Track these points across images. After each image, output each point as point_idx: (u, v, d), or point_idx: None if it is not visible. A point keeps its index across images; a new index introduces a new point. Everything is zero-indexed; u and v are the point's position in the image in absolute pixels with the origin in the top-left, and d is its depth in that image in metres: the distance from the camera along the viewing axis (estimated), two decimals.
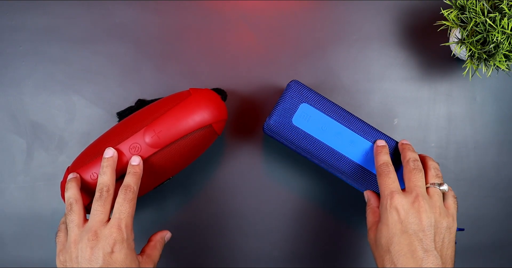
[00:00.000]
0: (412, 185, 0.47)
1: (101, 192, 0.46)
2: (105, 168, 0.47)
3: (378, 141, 0.52)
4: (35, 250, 0.57)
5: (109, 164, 0.47)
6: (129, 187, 0.46)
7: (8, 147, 0.58)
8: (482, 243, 0.58)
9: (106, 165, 0.47)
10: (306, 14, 0.61)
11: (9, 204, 0.58)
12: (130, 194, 0.46)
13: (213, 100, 0.52)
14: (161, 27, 0.60)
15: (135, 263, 0.44)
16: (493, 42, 0.50)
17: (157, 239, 0.50)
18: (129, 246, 0.44)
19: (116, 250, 0.43)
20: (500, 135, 0.60)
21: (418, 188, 0.47)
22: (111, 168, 0.47)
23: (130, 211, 0.45)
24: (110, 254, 0.43)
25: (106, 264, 0.42)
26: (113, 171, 0.47)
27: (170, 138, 0.50)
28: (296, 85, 0.53)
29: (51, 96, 0.59)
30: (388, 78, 0.60)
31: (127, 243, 0.44)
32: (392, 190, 0.46)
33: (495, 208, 0.59)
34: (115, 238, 0.43)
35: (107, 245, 0.43)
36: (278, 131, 0.52)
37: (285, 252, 0.58)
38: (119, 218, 0.44)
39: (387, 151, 0.51)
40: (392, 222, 0.45)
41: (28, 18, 0.60)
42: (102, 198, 0.46)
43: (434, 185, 0.48)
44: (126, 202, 0.45)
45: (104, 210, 0.45)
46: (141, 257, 0.47)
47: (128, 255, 0.44)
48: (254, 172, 0.58)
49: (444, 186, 0.48)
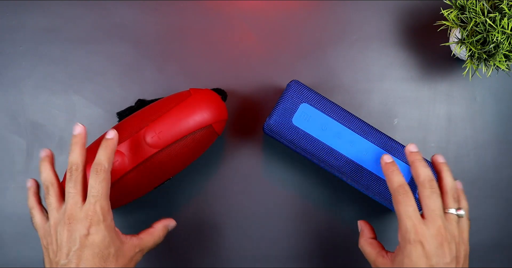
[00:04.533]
0: (433, 214, 0.44)
1: (71, 171, 0.45)
2: (73, 146, 0.46)
3: (385, 157, 0.49)
4: (35, 250, 0.57)
5: (76, 141, 0.46)
6: (100, 165, 0.44)
7: (8, 147, 0.58)
8: (482, 243, 0.58)
9: (74, 142, 0.46)
10: (306, 14, 0.61)
11: (9, 204, 0.58)
12: (102, 174, 0.44)
13: (213, 101, 0.52)
14: (161, 27, 0.60)
15: (115, 244, 0.44)
16: (493, 42, 0.50)
17: (158, 226, 0.49)
18: (107, 227, 0.43)
19: (92, 232, 0.42)
20: (500, 135, 0.60)
21: (439, 218, 0.44)
22: (79, 145, 0.46)
23: (103, 191, 0.44)
24: (86, 236, 0.42)
25: (83, 245, 0.42)
26: (81, 147, 0.46)
27: (171, 138, 0.50)
28: (296, 85, 0.53)
29: (51, 96, 0.59)
30: (388, 78, 0.60)
31: (104, 224, 0.43)
32: (414, 222, 0.44)
33: (495, 208, 0.59)
34: (90, 220, 0.43)
35: (83, 228, 0.42)
36: (278, 131, 0.52)
37: (285, 252, 0.58)
38: (93, 200, 0.43)
39: (397, 167, 0.48)
40: (416, 255, 0.43)
41: (28, 18, 0.60)
42: (72, 178, 0.45)
43: (452, 211, 0.46)
44: (97, 182, 0.44)
45: (76, 191, 0.44)
46: (129, 237, 0.46)
47: (106, 236, 0.43)
48: (254, 172, 0.58)
49: (461, 211, 0.47)
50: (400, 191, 0.46)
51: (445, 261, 0.43)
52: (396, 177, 0.47)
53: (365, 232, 0.50)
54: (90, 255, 0.42)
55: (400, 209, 0.45)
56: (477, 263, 0.58)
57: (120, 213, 0.57)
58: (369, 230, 0.51)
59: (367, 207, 0.58)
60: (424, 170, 0.47)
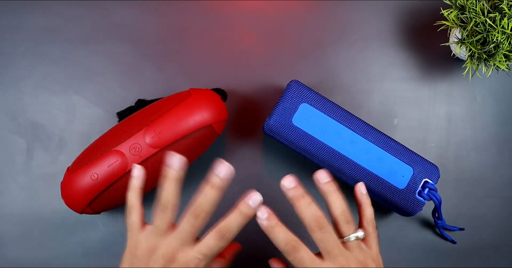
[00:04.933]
0: (329, 255, 0.42)
1: (196, 214, 0.42)
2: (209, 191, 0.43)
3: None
4: (35, 250, 0.57)
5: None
6: (229, 232, 0.42)
7: (8, 147, 0.58)
8: (482, 243, 0.58)
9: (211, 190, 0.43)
10: (306, 14, 0.61)
11: (9, 204, 0.58)
12: (225, 242, 0.42)
13: (213, 101, 0.52)
14: (161, 27, 0.60)
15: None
16: (493, 42, 0.50)
17: (228, 258, 0.47)
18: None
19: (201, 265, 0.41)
20: (500, 135, 0.60)
21: (337, 256, 0.42)
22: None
23: (215, 254, 0.42)
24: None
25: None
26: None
27: (171, 138, 0.50)
28: (296, 85, 0.53)
29: (51, 96, 0.59)
30: (388, 78, 0.60)
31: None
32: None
33: (495, 208, 0.59)
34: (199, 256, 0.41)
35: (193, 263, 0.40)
36: (278, 131, 0.52)
37: None
38: (201, 256, 0.41)
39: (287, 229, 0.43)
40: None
41: (28, 18, 0.60)
42: (198, 218, 0.42)
43: (350, 238, 0.43)
44: (217, 245, 0.41)
45: (193, 230, 0.42)
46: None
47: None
48: (254, 172, 0.58)
49: (358, 232, 0.43)
50: (288, 249, 0.42)
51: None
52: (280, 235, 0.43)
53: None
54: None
55: (290, 258, 0.42)
56: (477, 263, 0.58)
57: (120, 213, 0.57)
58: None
59: None
60: (308, 209, 0.42)
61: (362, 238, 0.44)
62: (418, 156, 0.54)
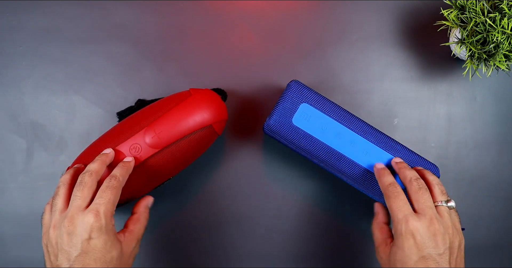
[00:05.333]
0: (423, 206, 0.46)
1: (83, 176, 0.45)
2: (98, 157, 0.47)
3: (377, 164, 0.51)
4: (35, 250, 0.57)
5: (102, 158, 0.47)
6: (115, 176, 0.45)
7: (8, 147, 0.58)
8: (482, 243, 0.58)
9: (100, 157, 0.47)
10: (306, 14, 0.61)
11: (9, 204, 0.58)
12: (114, 182, 0.45)
13: (213, 101, 0.52)
14: (161, 27, 0.60)
15: (116, 247, 0.44)
16: (493, 42, 0.50)
17: (141, 211, 0.49)
18: (108, 232, 0.43)
19: (94, 236, 0.42)
20: (500, 135, 0.60)
21: (430, 209, 0.45)
22: (103, 161, 0.47)
23: (112, 197, 0.44)
24: (87, 240, 0.42)
25: (85, 250, 0.42)
26: (103, 163, 0.47)
27: (171, 138, 0.50)
28: (296, 85, 0.53)
29: (51, 96, 0.59)
30: (388, 78, 0.60)
31: (105, 229, 0.43)
32: (405, 214, 0.45)
33: (495, 208, 0.59)
34: (91, 224, 0.42)
35: (84, 232, 0.42)
36: (278, 131, 0.52)
37: (285, 252, 0.58)
38: (98, 203, 0.43)
39: (389, 171, 0.50)
40: (408, 247, 0.44)
41: (28, 18, 0.60)
42: (82, 183, 0.44)
43: (442, 203, 0.47)
44: (109, 189, 0.44)
45: (82, 196, 0.44)
46: (123, 235, 0.46)
47: (108, 241, 0.43)
48: (254, 172, 0.58)
49: (451, 202, 0.48)
50: (390, 188, 0.47)
51: (438, 252, 0.44)
52: (387, 177, 0.49)
53: (379, 215, 0.51)
54: (93, 260, 0.42)
55: (391, 203, 0.46)
56: (477, 263, 0.58)
57: (120, 213, 0.57)
58: (384, 214, 0.51)
59: (367, 207, 0.58)
60: (410, 171, 0.49)
61: (451, 209, 0.48)
62: (418, 156, 0.54)
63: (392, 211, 0.46)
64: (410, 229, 0.44)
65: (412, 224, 0.44)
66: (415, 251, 0.44)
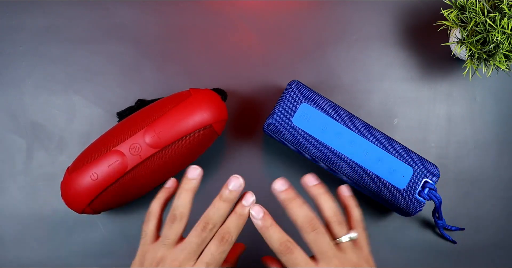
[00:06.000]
0: (323, 256, 0.41)
1: (206, 225, 0.42)
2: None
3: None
4: (35, 250, 0.57)
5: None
6: (229, 234, 0.42)
7: (8, 147, 0.58)
8: (482, 243, 0.58)
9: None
10: (306, 14, 0.61)
11: (9, 204, 0.58)
12: (227, 246, 0.41)
13: (213, 101, 0.52)
14: (161, 27, 0.60)
15: None
16: (493, 42, 0.50)
17: (233, 260, 0.46)
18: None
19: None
20: (500, 135, 0.60)
21: (332, 257, 0.41)
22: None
23: (219, 262, 0.41)
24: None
25: None
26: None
27: (170, 138, 0.50)
28: (296, 85, 0.53)
29: (51, 96, 0.59)
30: (388, 78, 0.60)
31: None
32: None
33: (495, 208, 0.59)
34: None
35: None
36: (278, 131, 0.52)
37: None
38: (208, 261, 0.40)
39: (277, 227, 0.43)
40: None
41: (28, 18, 0.60)
42: (205, 230, 0.41)
43: (343, 239, 0.42)
44: (219, 252, 0.41)
45: (200, 242, 0.41)
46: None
47: None
48: (254, 172, 0.58)
49: (352, 233, 0.43)
50: (282, 250, 0.42)
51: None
52: (277, 234, 0.43)
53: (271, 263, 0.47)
54: None
55: (284, 259, 0.41)
56: (477, 263, 0.58)
57: (120, 213, 0.57)
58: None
59: (367, 207, 0.58)
60: (300, 210, 0.42)
61: (355, 239, 0.43)
62: (418, 156, 0.54)
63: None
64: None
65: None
66: None
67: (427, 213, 0.58)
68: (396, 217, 0.58)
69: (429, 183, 0.53)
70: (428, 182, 0.53)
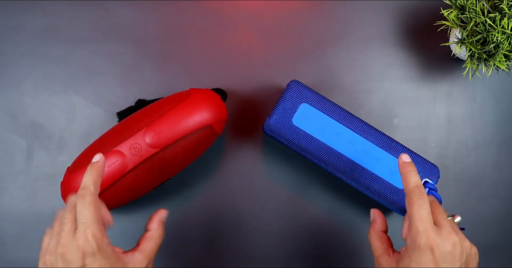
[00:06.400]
0: (440, 218, 0.43)
1: (71, 198, 0.42)
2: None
3: (403, 156, 0.46)
4: (35, 250, 0.57)
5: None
6: (85, 189, 0.41)
7: (8, 147, 0.58)
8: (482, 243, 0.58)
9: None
10: (306, 14, 0.61)
11: (9, 204, 0.58)
12: (88, 198, 0.40)
13: (213, 101, 0.52)
14: (161, 27, 0.60)
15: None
16: (493, 42, 0.50)
17: (154, 227, 0.46)
18: (103, 255, 0.40)
19: (88, 263, 0.39)
20: (500, 135, 0.60)
21: (447, 222, 0.43)
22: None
23: (92, 216, 0.40)
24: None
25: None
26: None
27: (170, 138, 0.50)
28: (296, 85, 0.53)
29: (51, 96, 0.59)
30: (388, 78, 0.60)
31: (99, 253, 0.39)
32: (427, 227, 0.41)
33: (495, 208, 0.59)
34: (83, 251, 0.39)
35: (78, 259, 0.39)
36: (278, 131, 0.52)
37: (285, 252, 0.58)
38: (83, 228, 0.40)
39: (415, 168, 0.45)
40: (425, 261, 0.41)
41: (28, 18, 0.60)
42: (70, 205, 0.41)
43: (451, 218, 0.46)
44: (84, 208, 0.40)
45: (71, 218, 0.41)
46: (131, 255, 0.43)
47: (106, 265, 0.40)
48: (254, 172, 0.58)
49: (458, 217, 0.46)
50: (416, 192, 0.43)
51: (455, 266, 0.41)
52: (413, 178, 0.44)
53: (377, 223, 0.48)
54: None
55: (413, 210, 0.42)
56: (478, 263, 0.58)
57: (120, 213, 0.57)
58: (382, 221, 0.48)
59: (367, 207, 0.58)
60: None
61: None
62: (418, 156, 0.54)
63: (413, 219, 0.42)
64: (430, 244, 0.41)
65: (433, 238, 0.41)
66: (432, 266, 0.41)
67: None
68: (396, 217, 0.58)
69: (429, 183, 0.53)
70: (428, 182, 0.53)
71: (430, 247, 0.41)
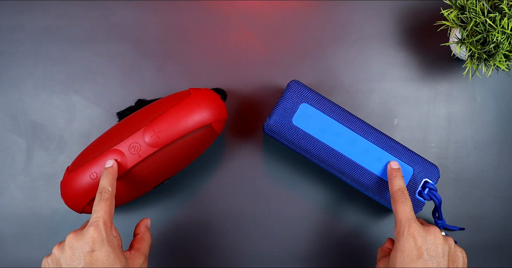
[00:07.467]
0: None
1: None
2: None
3: (392, 163, 0.52)
4: (35, 250, 0.57)
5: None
6: (103, 188, 0.46)
7: (8, 147, 0.58)
8: (482, 243, 0.58)
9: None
10: (306, 14, 0.61)
11: (9, 204, 0.58)
12: (105, 194, 0.46)
13: (212, 100, 0.52)
14: (161, 27, 0.60)
15: (121, 261, 0.44)
16: (493, 42, 0.50)
17: (142, 231, 0.50)
18: (110, 244, 0.43)
19: (96, 248, 0.42)
20: (500, 135, 0.60)
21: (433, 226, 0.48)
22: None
23: (107, 209, 0.45)
24: (90, 253, 0.42)
25: (88, 262, 0.42)
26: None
27: (170, 137, 0.50)
28: (296, 85, 0.53)
29: (51, 96, 0.59)
30: (388, 78, 0.60)
31: (107, 240, 0.43)
32: (409, 218, 0.46)
33: (495, 208, 0.59)
34: (92, 236, 0.42)
35: (86, 244, 0.42)
36: (278, 131, 0.52)
37: (285, 252, 0.58)
38: (96, 217, 0.44)
39: (401, 174, 0.51)
40: (408, 248, 0.45)
41: (28, 18, 0.60)
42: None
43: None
44: (102, 201, 0.45)
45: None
46: (129, 253, 0.47)
47: (111, 253, 0.43)
48: (254, 172, 0.58)
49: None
50: (399, 193, 0.49)
51: (437, 254, 0.45)
52: (398, 181, 0.50)
53: (386, 243, 0.52)
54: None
55: (397, 206, 0.48)
56: (477, 263, 0.58)
57: (120, 212, 0.57)
58: (390, 243, 0.52)
59: (367, 207, 0.58)
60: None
61: None
62: (418, 156, 0.54)
63: (397, 213, 0.47)
64: (412, 232, 0.45)
65: (415, 227, 0.46)
66: (415, 252, 0.44)
67: (427, 213, 0.58)
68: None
69: (429, 183, 0.53)
70: (428, 182, 0.53)
71: (413, 235, 0.45)
